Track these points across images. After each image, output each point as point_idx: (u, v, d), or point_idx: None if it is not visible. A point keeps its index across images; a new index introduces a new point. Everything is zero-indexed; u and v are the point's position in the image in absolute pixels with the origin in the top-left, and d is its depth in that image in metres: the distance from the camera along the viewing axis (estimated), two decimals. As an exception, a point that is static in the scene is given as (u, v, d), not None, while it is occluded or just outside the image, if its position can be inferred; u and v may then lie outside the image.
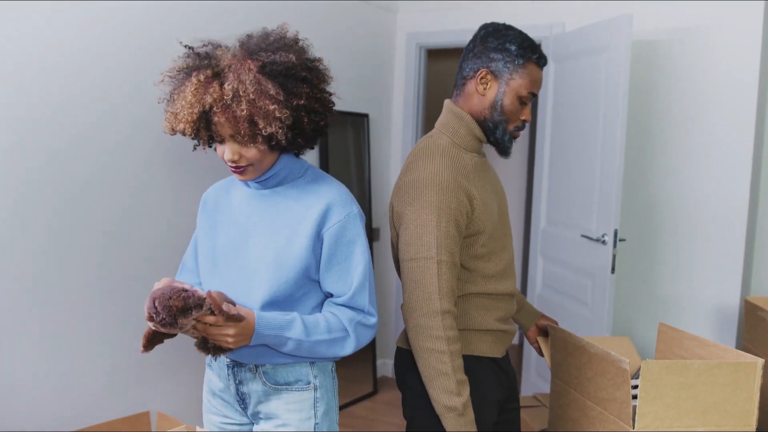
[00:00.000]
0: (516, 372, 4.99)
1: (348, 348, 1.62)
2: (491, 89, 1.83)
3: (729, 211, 3.52)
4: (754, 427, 1.74)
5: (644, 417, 1.70)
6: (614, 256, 3.33)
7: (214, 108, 1.46)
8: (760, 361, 1.72)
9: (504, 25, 1.85)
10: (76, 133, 2.62)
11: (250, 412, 1.71)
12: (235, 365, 1.69)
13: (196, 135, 1.54)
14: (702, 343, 1.90)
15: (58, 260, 2.60)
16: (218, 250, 1.68)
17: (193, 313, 1.40)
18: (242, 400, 1.71)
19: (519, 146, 6.09)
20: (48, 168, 2.54)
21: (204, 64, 1.49)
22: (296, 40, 1.58)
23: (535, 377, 4.16)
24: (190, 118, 1.48)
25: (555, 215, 3.93)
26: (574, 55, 3.70)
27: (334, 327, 1.60)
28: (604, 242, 3.39)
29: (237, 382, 1.69)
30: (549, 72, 4.02)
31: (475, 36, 1.87)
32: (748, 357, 1.75)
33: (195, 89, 1.46)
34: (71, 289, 2.66)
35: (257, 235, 1.63)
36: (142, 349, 1.56)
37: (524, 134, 6.06)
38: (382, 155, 4.62)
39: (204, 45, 1.55)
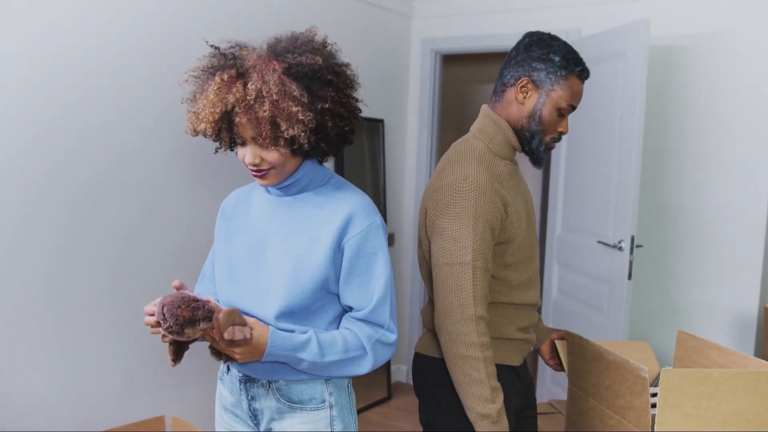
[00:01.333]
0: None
1: (365, 367, 1.56)
2: (531, 98, 1.81)
3: (747, 217, 3.49)
4: None
5: (663, 425, 1.68)
6: (631, 263, 3.31)
7: (237, 108, 1.44)
8: None
9: (549, 35, 1.83)
10: (92, 134, 2.64)
11: (262, 428, 1.65)
12: (248, 380, 1.63)
13: (217, 136, 1.51)
14: (722, 351, 1.87)
15: (74, 264, 2.62)
16: (235, 256, 1.63)
17: (201, 324, 1.38)
18: (254, 416, 1.65)
19: (534, 152, 6.07)
20: (65, 171, 2.56)
21: (229, 63, 1.47)
22: (324, 44, 1.56)
23: (550, 384, 4.13)
24: (211, 118, 1.46)
25: (571, 221, 3.91)
26: (591, 61, 3.68)
27: (352, 346, 1.54)
28: (620, 248, 3.36)
29: (249, 397, 1.64)
30: (565, 77, 4.00)
31: (519, 43, 1.85)
32: None
33: (218, 88, 1.44)
34: (87, 294, 2.67)
35: (275, 242, 1.58)
36: (171, 363, 1.53)
37: (539, 140, 6.03)
38: (397, 160, 4.62)
39: (231, 46, 1.52)
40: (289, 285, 1.53)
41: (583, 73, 1.82)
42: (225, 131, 1.50)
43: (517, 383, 1.90)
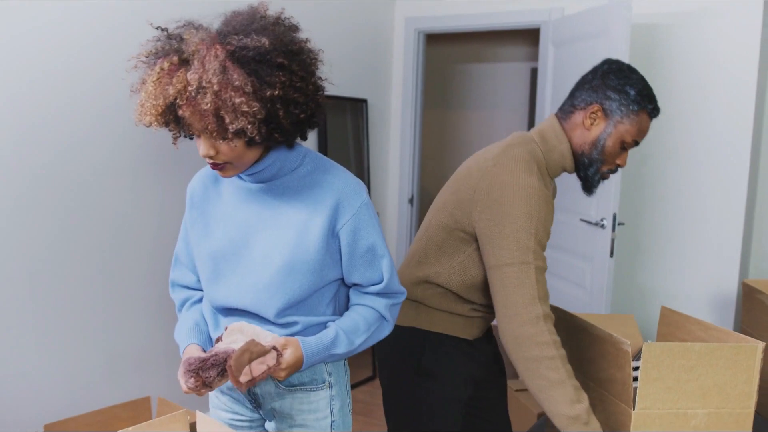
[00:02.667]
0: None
1: (386, 331, 1.59)
2: (598, 126, 1.79)
3: (728, 194, 3.52)
4: (752, 409, 1.75)
5: (645, 398, 1.71)
6: (613, 240, 3.34)
7: (179, 100, 1.30)
8: (761, 344, 1.73)
9: (628, 66, 1.81)
10: (72, 129, 2.62)
11: (264, 410, 1.65)
12: None
13: (168, 127, 1.39)
14: (704, 326, 1.90)
15: (56, 248, 2.60)
16: (217, 254, 1.54)
17: (217, 381, 1.40)
18: (254, 399, 1.64)
19: (517, 131, 6.09)
20: (45, 160, 2.54)
21: (172, 49, 1.32)
22: (278, 20, 1.39)
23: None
24: (155, 111, 1.32)
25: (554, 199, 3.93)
26: (574, 40, 3.69)
27: (372, 320, 1.55)
28: (602, 226, 3.39)
29: None
30: (548, 56, 4.01)
31: (597, 69, 1.83)
32: (749, 340, 1.76)
33: (158, 79, 1.30)
34: (70, 277, 2.66)
35: (259, 235, 1.50)
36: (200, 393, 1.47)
37: (523, 118, 6.06)
38: (380, 140, 4.62)
39: (182, 26, 1.37)
40: (287, 281, 1.47)
41: (654, 111, 1.80)
42: (173, 123, 1.37)
43: (473, 352, 1.92)
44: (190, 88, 1.28)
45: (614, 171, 1.86)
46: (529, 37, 5.96)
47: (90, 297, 2.74)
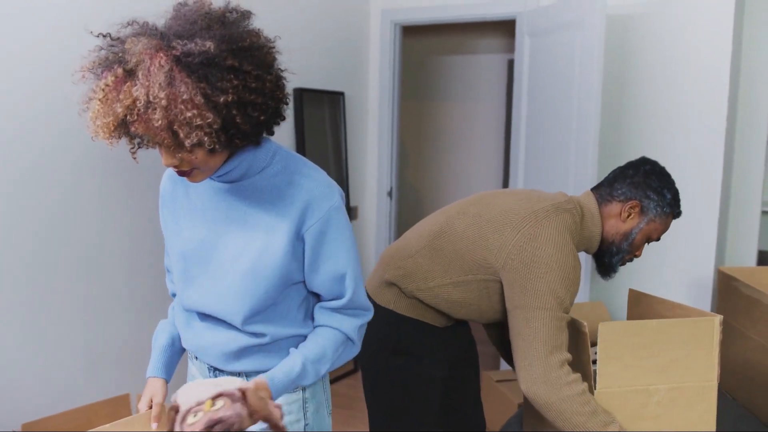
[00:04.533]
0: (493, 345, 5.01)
1: (352, 354, 1.54)
2: (633, 220, 1.90)
3: (703, 180, 3.56)
4: (715, 382, 1.78)
5: (604, 377, 1.74)
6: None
7: (129, 117, 1.20)
8: (718, 317, 1.76)
9: (664, 170, 1.93)
10: (53, 128, 2.59)
11: None
12: (217, 369, 1.57)
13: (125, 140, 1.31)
14: (669, 305, 1.94)
15: (35, 244, 2.57)
16: (186, 254, 1.50)
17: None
18: None
19: (495, 122, 6.11)
20: (26, 158, 2.50)
21: (116, 58, 1.22)
22: (223, 15, 1.28)
23: (514, 351, 4.20)
24: (106, 129, 1.23)
25: (532, 186, 3.94)
26: (549, 30, 3.70)
27: (339, 342, 1.49)
28: (580, 216, 3.41)
29: None
30: (523, 47, 4.02)
31: (638, 166, 1.93)
32: (707, 314, 1.79)
33: (104, 96, 1.20)
34: (48, 273, 2.63)
35: (228, 236, 1.45)
36: None
37: (500, 109, 6.08)
38: (358, 133, 4.61)
39: (126, 25, 1.27)
40: (251, 286, 1.43)
41: (679, 215, 1.94)
42: (127, 136, 1.29)
43: (448, 336, 2.01)
44: (138, 104, 1.18)
45: (631, 260, 1.97)
46: (506, 28, 5.97)
47: (68, 293, 2.71)
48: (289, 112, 1.66)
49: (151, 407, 1.59)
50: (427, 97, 6.42)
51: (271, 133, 1.39)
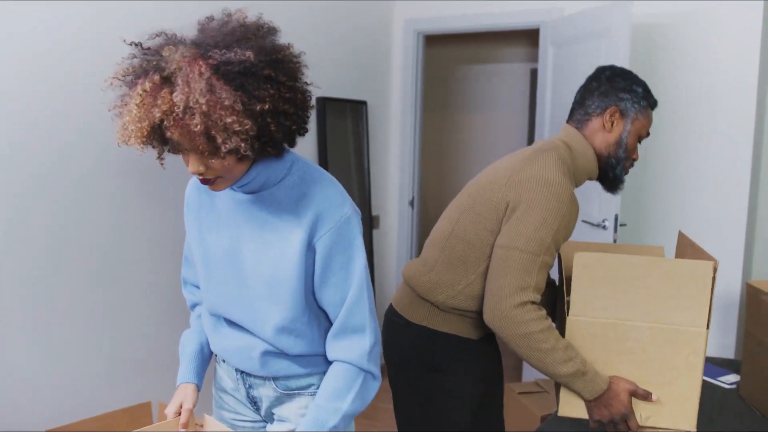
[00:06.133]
0: (517, 358, 4.97)
1: (374, 388, 1.51)
2: (618, 126, 1.92)
3: (730, 195, 3.51)
4: (704, 329, 1.71)
5: (576, 305, 1.73)
6: (615, 241, 3.32)
7: (166, 122, 1.24)
8: (713, 262, 1.70)
9: (624, 69, 1.95)
10: (73, 129, 2.60)
11: (263, 413, 1.66)
12: (244, 372, 1.62)
13: (153, 147, 1.35)
14: (689, 245, 1.93)
15: (56, 251, 2.59)
16: (211, 259, 1.54)
17: None
18: (253, 402, 1.65)
19: (518, 132, 6.08)
20: (46, 161, 2.52)
21: (152, 66, 1.26)
22: (258, 28, 1.33)
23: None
24: (140, 134, 1.26)
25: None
26: (573, 40, 3.68)
27: (352, 376, 1.47)
28: (604, 227, 3.37)
29: (247, 386, 1.63)
30: (547, 56, 4.00)
31: (599, 76, 1.95)
32: (706, 255, 1.76)
33: (141, 101, 1.23)
34: (70, 280, 2.65)
35: (248, 247, 1.48)
36: None
37: (523, 119, 6.05)
38: (381, 142, 4.60)
39: (152, 37, 1.31)
40: (274, 297, 1.47)
41: (656, 104, 1.95)
42: (158, 143, 1.32)
43: (480, 352, 1.98)
44: (176, 110, 1.22)
45: (632, 166, 1.97)
46: (529, 37, 5.95)
47: (90, 301, 2.73)
48: (312, 120, 1.67)
49: (179, 414, 1.61)
50: (449, 106, 6.41)
51: (293, 145, 1.42)
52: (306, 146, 3.88)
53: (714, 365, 2.69)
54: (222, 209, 1.52)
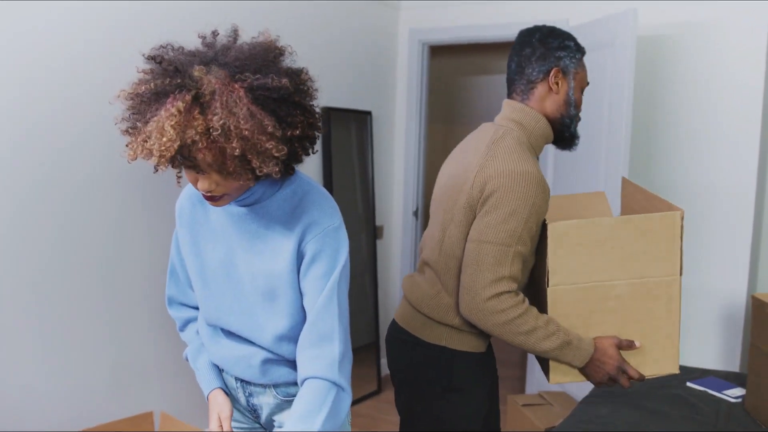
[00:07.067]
0: (521, 369, 4.95)
1: (346, 403, 1.45)
2: (563, 86, 1.91)
3: (735, 206, 3.50)
4: (678, 276, 1.75)
5: (556, 274, 1.74)
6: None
7: (199, 143, 1.23)
8: (679, 212, 1.74)
9: (549, 26, 1.94)
10: (77, 133, 2.61)
11: (263, 421, 1.66)
12: (244, 380, 1.62)
13: (173, 166, 1.33)
14: (650, 197, 1.93)
15: (60, 259, 2.59)
16: (207, 271, 1.56)
17: None
18: (253, 410, 1.66)
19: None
20: (51, 167, 2.53)
21: (178, 84, 1.24)
22: (281, 52, 1.35)
23: (539, 374, 4.14)
24: (167, 154, 1.23)
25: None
26: (578, 51, 3.67)
27: (322, 392, 1.41)
28: (609, 239, 3.36)
29: (247, 394, 1.64)
30: (553, 68, 3.99)
31: (529, 40, 1.92)
32: (674, 207, 1.77)
33: (176, 122, 1.21)
34: (73, 289, 2.64)
35: (243, 259, 1.50)
36: None
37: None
38: (385, 152, 4.60)
39: (160, 48, 1.31)
40: (271, 307, 1.49)
41: (584, 51, 1.95)
42: (178, 161, 1.31)
43: (487, 364, 1.96)
44: (213, 132, 1.21)
45: (579, 119, 1.97)
46: (534, 48, 5.95)
47: (92, 310, 2.72)
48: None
49: (221, 426, 1.61)
50: (453, 116, 6.41)
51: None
52: (310, 156, 3.88)
53: (719, 378, 2.67)
54: (216, 222, 1.54)
